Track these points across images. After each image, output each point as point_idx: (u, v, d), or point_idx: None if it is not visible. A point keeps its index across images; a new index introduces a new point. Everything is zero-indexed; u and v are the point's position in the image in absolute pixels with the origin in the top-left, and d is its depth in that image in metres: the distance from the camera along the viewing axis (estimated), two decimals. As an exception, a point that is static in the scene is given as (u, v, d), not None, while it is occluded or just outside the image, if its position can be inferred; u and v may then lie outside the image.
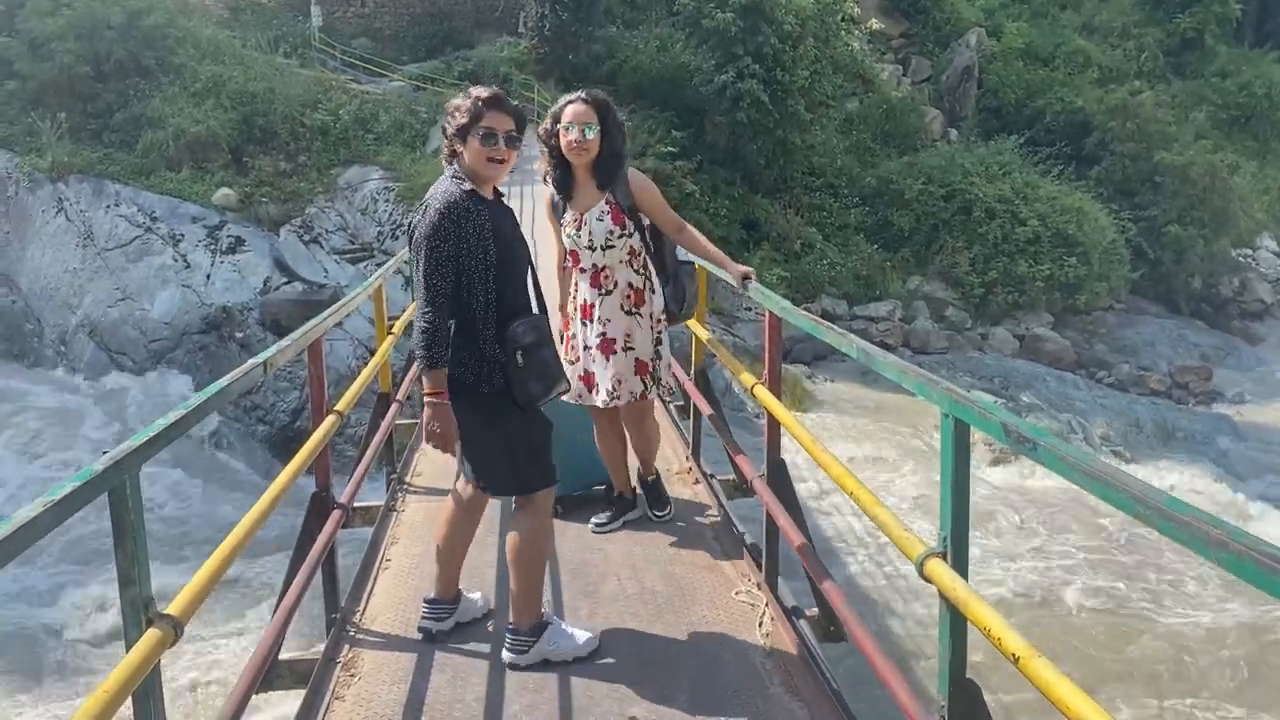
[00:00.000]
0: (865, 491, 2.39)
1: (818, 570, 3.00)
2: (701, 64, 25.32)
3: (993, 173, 26.73)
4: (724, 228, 24.17)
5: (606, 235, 4.06)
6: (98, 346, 19.35)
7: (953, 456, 2.02)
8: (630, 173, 4.06)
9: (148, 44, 23.33)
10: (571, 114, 3.94)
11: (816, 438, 2.93)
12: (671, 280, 4.25)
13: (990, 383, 20.45)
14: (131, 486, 1.99)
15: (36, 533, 1.62)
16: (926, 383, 2.17)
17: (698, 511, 4.55)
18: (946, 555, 2.05)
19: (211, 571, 2.22)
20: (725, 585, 3.77)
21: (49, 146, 21.37)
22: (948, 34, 33.43)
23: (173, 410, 2.22)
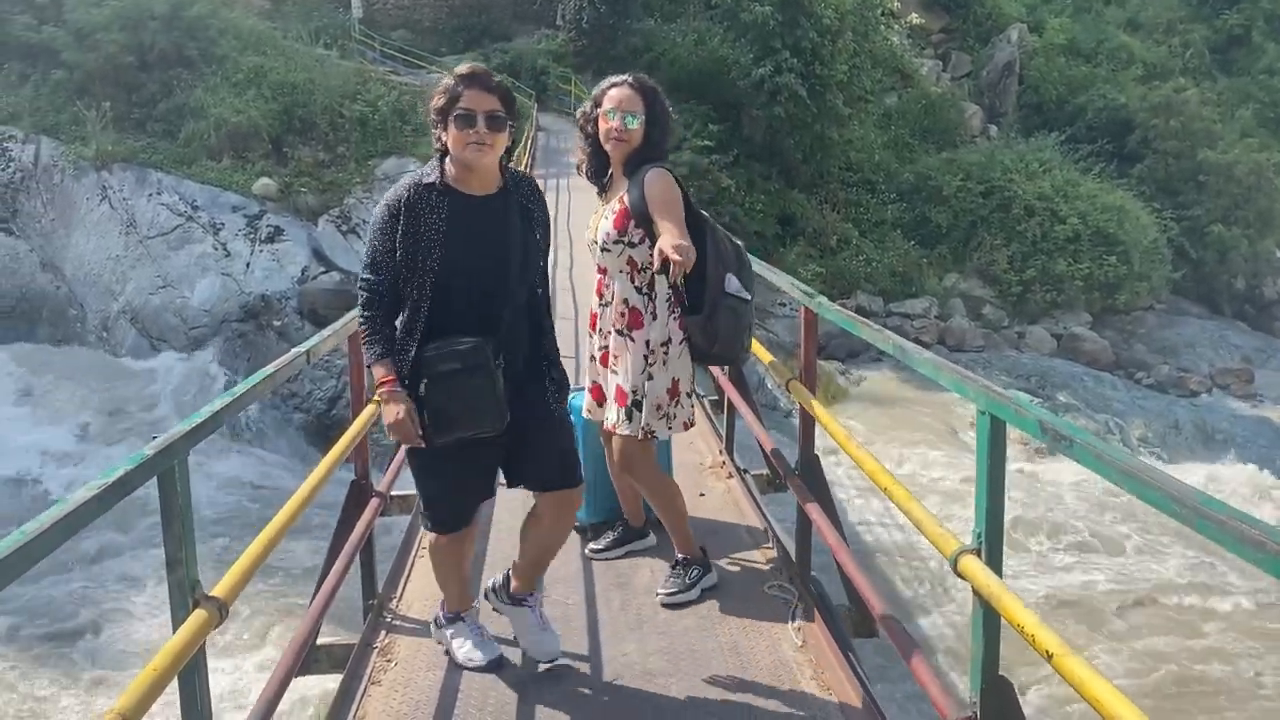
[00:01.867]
0: (899, 487, 2.40)
1: (850, 565, 3.01)
2: (739, 57, 25.24)
3: (1033, 170, 26.48)
4: (759, 222, 24.11)
5: (605, 237, 3.58)
6: (139, 333, 19.63)
7: (988, 453, 2.03)
8: (652, 174, 3.45)
9: (191, 35, 23.59)
10: (614, 98, 3.51)
11: (851, 433, 2.94)
12: (706, 314, 3.46)
13: (1027, 382, 20.29)
14: (180, 471, 2.03)
15: (89, 515, 1.67)
16: (962, 379, 2.17)
17: (732, 507, 4.56)
18: (981, 552, 2.05)
19: (255, 555, 2.27)
20: (758, 579, 3.79)
21: (94, 135, 21.66)
22: (989, 29, 33.14)
23: (219, 397, 2.27)
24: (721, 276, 3.48)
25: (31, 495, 14.39)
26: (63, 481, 14.44)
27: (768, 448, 4.21)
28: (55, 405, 17.39)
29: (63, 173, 21.70)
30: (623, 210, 3.50)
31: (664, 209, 3.36)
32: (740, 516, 4.41)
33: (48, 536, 1.56)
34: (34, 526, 1.55)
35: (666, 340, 3.54)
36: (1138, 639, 10.66)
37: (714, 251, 3.47)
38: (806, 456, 3.69)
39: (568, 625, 3.52)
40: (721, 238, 3.58)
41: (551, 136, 24.38)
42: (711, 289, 3.45)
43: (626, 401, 3.55)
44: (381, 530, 4.45)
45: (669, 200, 3.39)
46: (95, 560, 11.92)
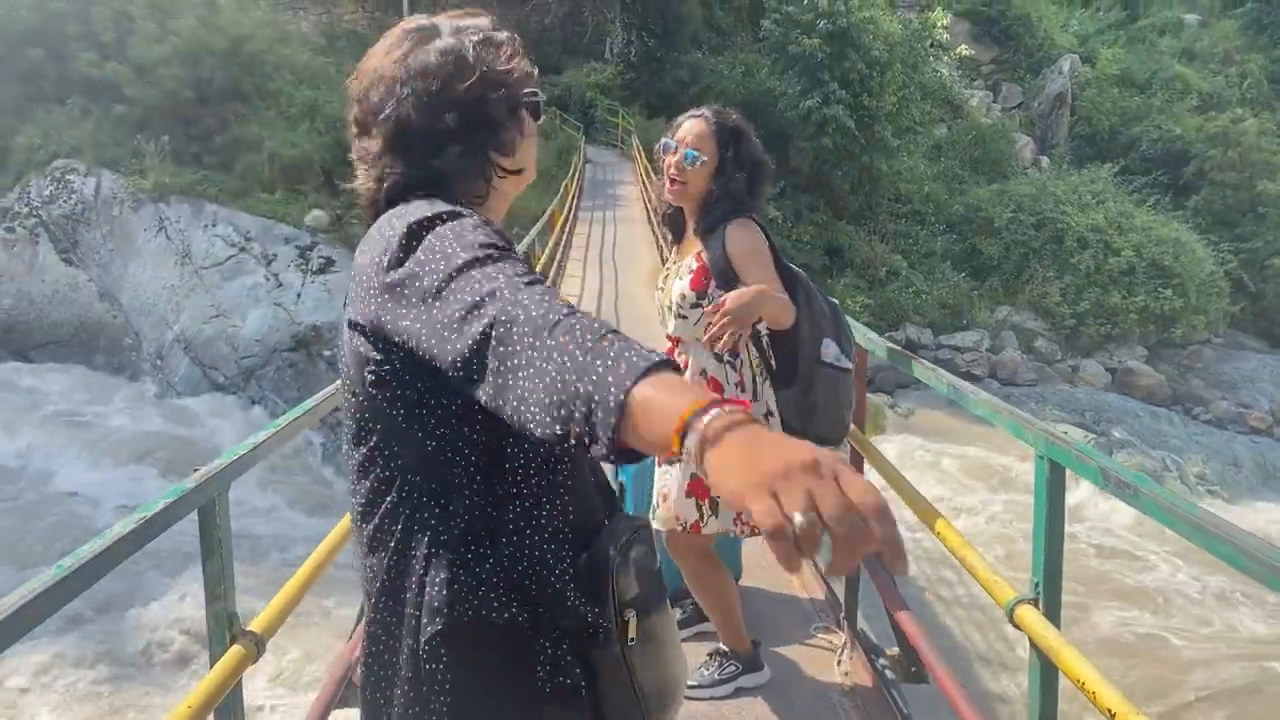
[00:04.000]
0: (952, 531, 2.30)
1: (899, 608, 2.90)
2: (787, 89, 25.29)
3: (1085, 201, 26.15)
4: (806, 254, 24.02)
5: (678, 301, 2.96)
6: (192, 362, 19.94)
7: (1046, 500, 1.93)
8: (734, 226, 2.87)
9: (247, 70, 24.10)
10: (683, 131, 2.95)
11: (900, 472, 2.85)
12: (801, 387, 2.95)
13: (1081, 416, 19.90)
14: (220, 504, 2.01)
15: (128, 549, 1.64)
16: (1020, 423, 2.08)
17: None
18: (1039, 602, 1.96)
19: (294, 590, 2.23)
20: (803, 621, 3.69)
21: (152, 168, 22.15)
22: (1040, 60, 32.91)
23: (263, 429, 2.25)
24: (818, 341, 2.95)
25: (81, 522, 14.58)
26: (109, 508, 14.64)
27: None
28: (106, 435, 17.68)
29: (121, 204, 22.20)
30: (701, 268, 2.91)
31: (751, 261, 2.82)
32: (785, 555, 4.32)
33: (83, 573, 1.53)
34: (70, 562, 1.52)
35: (767, 414, 2.98)
36: (1208, 696, 10.06)
37: (808, 312, 2.93)
38: (856, 495, 3.55)
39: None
40: (816, 295, 3.02)
41: (598, 169, 24.53)
42: (806, 357, 2.93)
43: (706, 495, 2.92)
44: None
45: (755, 250, 2.84)
46: (131, 591, 11.77)
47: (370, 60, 1.42)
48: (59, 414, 18.58)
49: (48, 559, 12.43)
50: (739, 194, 2.92)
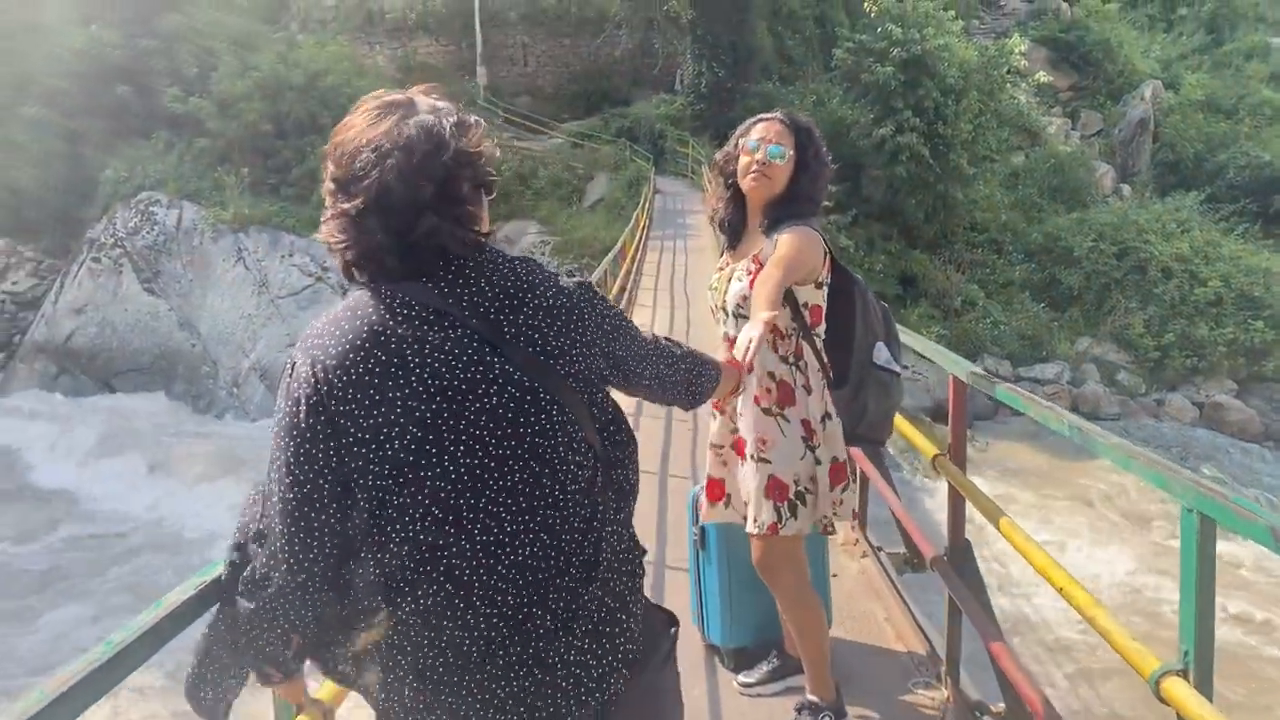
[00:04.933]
0: (1080, 590, 2.07)
1: (1009, 664, 2.66)
2: (859, 117, 25.04)
3: (1169, 230, 25.38)
4: (879, 283, 23.65)
5: (739, 300, 2.95)
6: (267, 390, 20.23)
7: (1196, 559, 1.69)
8: (793, 229, 2.86)
9: (324, 103, 24.59)
10: (759, 131, 2.98)
11: (1010, 516, 2.62)
12: (852, 388, 2.99)
13: (1167, 452, 19.17)
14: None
15: (187, 618, 1.52)
16: (1164, 472, 1.85)
17: (867, 590, 4.19)
18: (1188, 674, 1.73)
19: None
20: (901, 675, 3.44)
21: (232, 200, 22.68)
22: (1120, 86, 32.21)
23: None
24: (870, 345, 3.03)
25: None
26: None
27: (909, 526, 3.84)
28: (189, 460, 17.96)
29: (202, 235, 22.74)
30: (759, 270, 2.87)
31: (776, 261, 2.77)
32: (878, 600, 4.04)
33: (135, 648, 1.40)
34: (121, 637, 1.39)
35: (825, 415, 2.95)
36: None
37: (862, 316, 3.03)
38: (957, 541, 3.31)
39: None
40: (871, 300, 3.11)
41: (668, 199, 24.48)
42: (858, 359, 3.00)
43: (789, 494, 2.88)
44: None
45: (789, 256, 2.77)
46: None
47: (350, 129, 1.53)
48: (143, 439, 18.97)
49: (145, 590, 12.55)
50: (819, 191, 3.04)
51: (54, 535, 15.34)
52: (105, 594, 12.98)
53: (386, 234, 1.48)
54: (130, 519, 15.96)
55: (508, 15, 33.22)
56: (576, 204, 25.57)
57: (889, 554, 4.37)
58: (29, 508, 16.34)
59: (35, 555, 14.62)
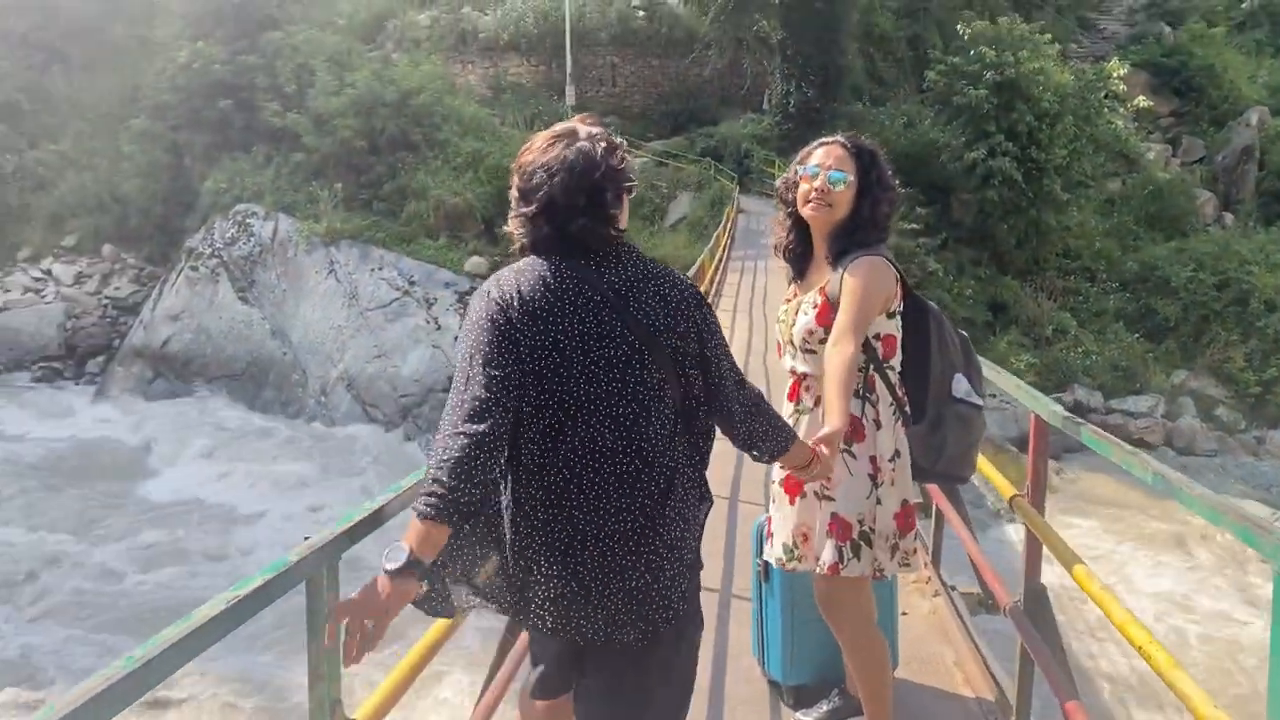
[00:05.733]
0: (1161, 650, 1.93)
1: (1079, 710, 2.52)
2: (950, 140, 24.65)
3: (1274, 260, 24.46)
4: (969, 309, 23.17)
5: (805, 338, 2.87)
6: (353, 399, 20.61)
7: (1294, 629, 1.57)
8: (863, 260, 2.77)
9: (416, 121, 25.06)
10: (820, 156, 2.89)
11: (1092, 571, 2.48)
12: (930, 423, 2.86)
13: (1267, 492, 18.39)
14: (330, 577, 1.86)
15: (218, 632, 1.49)
16: (1253, 530, 1.72)
17: (937, 631, 4.04)
18: (1281, 752, 1.59)
19: (403, 676, 2.05)
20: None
21: (326, 213, 23.21)
22: (1224, 112, 31.12)
23: (383, 494, 2.09)
24: (949, 378, 2.89)
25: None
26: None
27: (983, 567, 3.69)
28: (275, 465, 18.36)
29: (295, 247, 23.31)
30: (825, 304, 2.81)
31: (849, 297, 2.70)
32: (947, 643, 3.89)
33: (163, 660, 1.38)
34: (144, 652, 1.37)
35: (895, 454, 2.82)
36: None
37: (939, 346, 2.89)
38: (1033, 587, 3.15)
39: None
40: (948, 330, 2.95)
41: (752, 219, 24.37)
42: (936, 393, 2.86)
43: (852, 534, 2.78)
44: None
45: (863, 290, 2.70)
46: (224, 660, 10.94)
47: (530, 154, 2.08)
48: (235, 443, 19.46)
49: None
50: (882, 217, 2.89)
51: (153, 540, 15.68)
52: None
53: (551, 229, 2.03)
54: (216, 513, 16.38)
55: (598, 36, 33.53)
56: (659, 222, 25.61)
57: (963, 593, 4.22)
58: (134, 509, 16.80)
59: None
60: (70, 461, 18.75)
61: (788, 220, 3.03)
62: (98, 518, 16.06)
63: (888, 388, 2.85)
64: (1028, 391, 3.29)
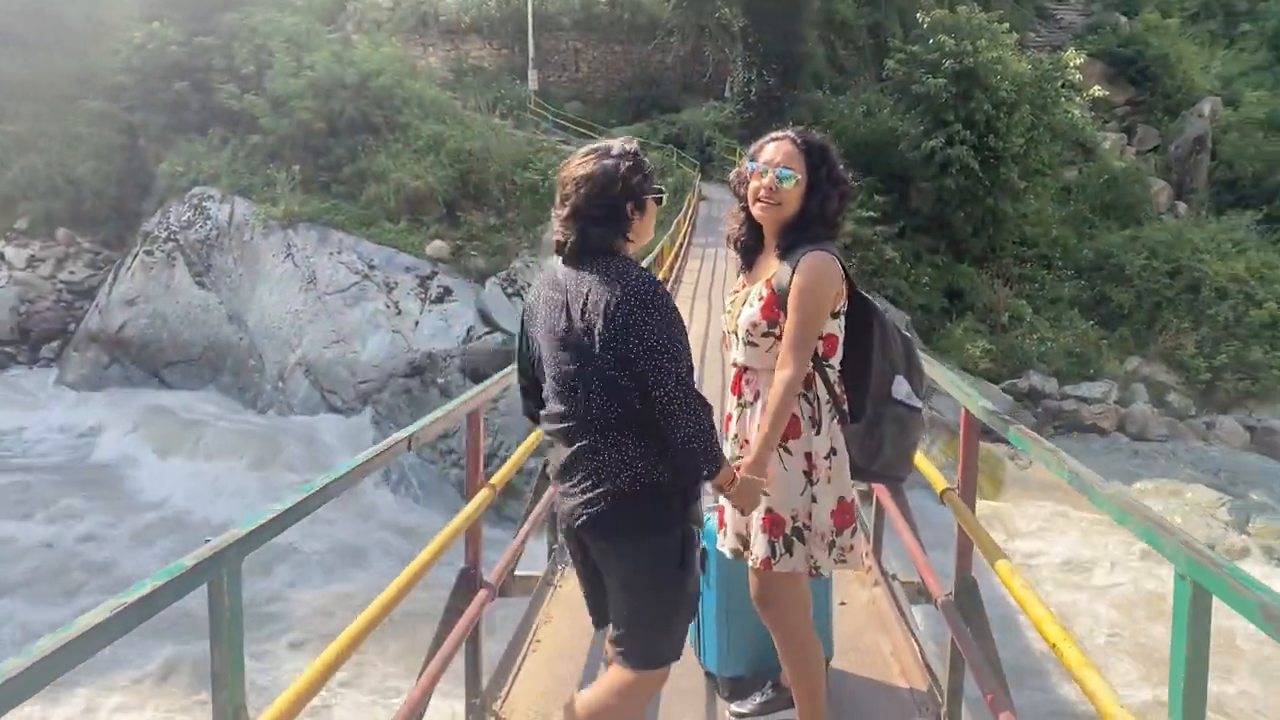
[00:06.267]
0: (1073, 647, 1.99)
1: (1005, 709, 2.59)
2: (909, 129, 24.82)
3: (1225, 249, 24.85)
4: (926, 296, 23.39)
5: (748, 329, 2.89)
6: (311, 385, 20.43)
7: (1188, 628, 1.60)
8: (812, 256, 2.77)
9: (377, 103, 24.80)
10: (769, 153, 2.90)
11: (1015, 567, 2.54)
12: (868, 423, 2.88)
13: (1215, 477, 18.74)
14: (231, 580, 1.84)
15: (108, 636, 1.48)
16: (1156, 531, 1.77)
17: (875, 621, 4.10)
18: (1175, 748, 1.65)
19: (312, 680, 2.05)
20: (901, 713, 3.36)
21: (283, 196, 22.92)
22: (1178, 102, 31.58)
23: (291, 494, 2.09)
24: (889, 379, 2.92)
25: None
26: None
27: (919, 559, 3.75)
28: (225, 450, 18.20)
29: (253, 231, 23.02)
30: (771, 297, 2.83)
31: (799, 299, 2.73)
32: (885, 633, 3.96)
33: (52, 661, 1.38)
34: (40, 647, 1.37)
35: (831, 451, 2.84)
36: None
37: (881, 347, 2.91)
38: (964, 580, 3.22)
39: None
40: (891, 331, 2.96)
41: (713, 206, 24.44)
42: (875, 393, 2.88)
43: (785, 530, 2.82)
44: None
45: (812, 291, 2.73)
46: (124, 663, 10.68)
47: (569, 167, 2.56)
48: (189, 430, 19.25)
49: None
50: (831, 213, 2.90)
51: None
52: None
53: (575, 234, 2.49)
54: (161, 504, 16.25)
55: (560, 20, 33.36)
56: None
57: (903, 582, 4.29)
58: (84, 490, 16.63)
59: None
60: (23, 447, 18.53)
61: (741, 214, 3.04)
62: (46, 500, 15.92)
63: (826, 386, 2.86)
64: (958, 385, 3.35)
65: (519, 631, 4.11)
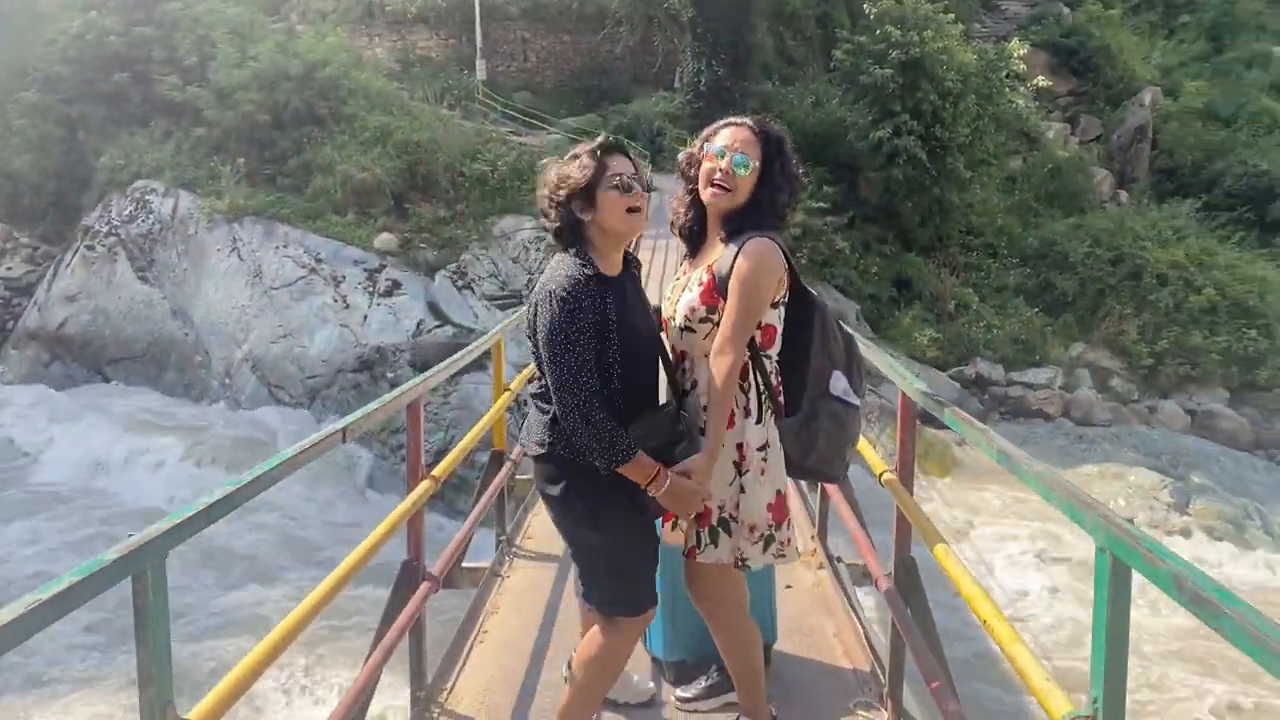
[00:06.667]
0: (1003, 623, 2.03)
1: (943, 692, 2.63)
2: (857, 119, 24.99)
3: (1166, 237, 25.33)
4: (874, 285, 23.62)
5: (686, 315, 2.88)
6: (259, 381, 20.18)
7: (1108, 601, 1.65)
8: (754, 243, 2.75)
9: (322, 94, 24.49)
10: (725, 137, 2.87)
11: (949, 547, 2.58)
12: (804, 417, 2.86)
13: (1157, 460, 19.15)
14: (155, 574, 1.81)
15: (20, 635, 1.44)
16: (1078, 506, 1.81)
17: (820, 604, 4.14)
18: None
19: (244, 674, 2.03)
20: (844, 693, 3.40)
21: (228, 189, 22.57)
22: (1120, 92, 32.10)
23: (219, 487, 2.06)
24: (827, 374, 2.89)
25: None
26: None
27: (862, 543, 3.79)
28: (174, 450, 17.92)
29: (197, 224, 22.65)
30: (710, 283, 2.80)
31: (739, 286, 2.72)
32: (829, 615, 4.00)
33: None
34: None
35: (765, 444, 2.82)
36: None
37: (821, 341, 2.89)
38: (903, 561, 3.26)
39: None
40: (831, 325, 2.95)
41: (665, 196, 24.40)
42: (813, 388, 2.86)
43: (711, 519, 2.82)
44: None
45: (753, 279, 2.72)
46: (54, 662, 10.65)
47: (550, 167, 2.89)
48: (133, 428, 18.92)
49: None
50: (781, 206, 2.88)
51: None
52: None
53: (550, 229, 2.84)
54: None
55: (508, 10, 33.14)
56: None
57: (848, 565, 4.33)
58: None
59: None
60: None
61: (688, 198, 3.03)
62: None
63: (762, 377, 2.84)
64: (895, 369, 3.39)
65: (465, 623, 4.10)
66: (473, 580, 4.61)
